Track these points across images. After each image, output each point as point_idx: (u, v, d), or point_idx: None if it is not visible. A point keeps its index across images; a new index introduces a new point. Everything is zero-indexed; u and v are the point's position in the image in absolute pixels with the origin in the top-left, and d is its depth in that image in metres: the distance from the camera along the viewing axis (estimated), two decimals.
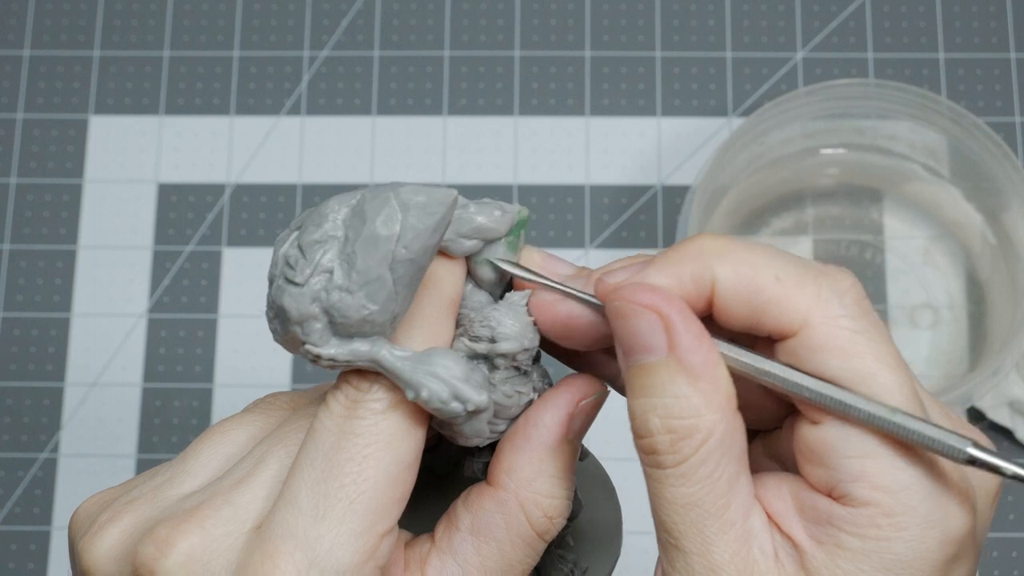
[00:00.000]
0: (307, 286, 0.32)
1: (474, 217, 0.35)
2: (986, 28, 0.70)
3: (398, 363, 0.32)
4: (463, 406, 0.32)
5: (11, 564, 0.64)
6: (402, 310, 0.33)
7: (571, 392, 0.35)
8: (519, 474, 0.34)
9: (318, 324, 0.32)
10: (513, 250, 0.35)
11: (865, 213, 0.67)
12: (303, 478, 0.32)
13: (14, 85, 0.70)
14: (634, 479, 0.64)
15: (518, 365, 0.35)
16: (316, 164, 0.69)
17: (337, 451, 0.32)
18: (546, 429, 0.34)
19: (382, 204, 0.32)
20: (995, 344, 0.62)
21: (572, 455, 0.35)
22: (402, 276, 0.32)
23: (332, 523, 0.32)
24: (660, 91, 0.70)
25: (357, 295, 0.32)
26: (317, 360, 0.33)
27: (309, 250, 0.32)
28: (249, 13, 0.71)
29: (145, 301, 0.67)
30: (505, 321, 0.34)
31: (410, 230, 0.31)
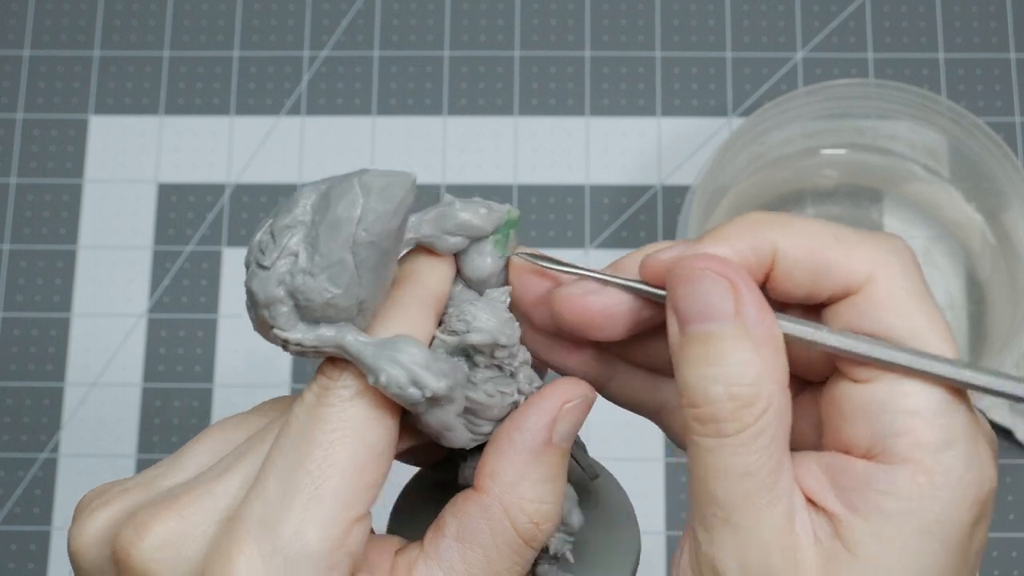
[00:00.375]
0: (273, 269, 0.32)
1: (458, 214, 0.35)
2: (986, 28, 0.70)
3: (362, 348, 0.32)
4: (421, 392, 0.32)
5: (11, 564, 0.64)
6: (369, 296, 0.32)
7: (556, 394, 0.34)
8: (503, 478, 0.34)
9: (284, 308, 0.32)
10: (500, 250, 0.35)
11: (865, 213, 0.67)
12: (273, 466, 0.32)
13: (14, 85, 0.71)
14: (634, 479, 0.64)
15: (499, 364, 0.34)
16: (316, 164, 0.69)
17: (305, 438, 0.32)
18: (530, 432, 0.34)
19: (346, 189, 0.32)
20: (995, 344, 0.62)
21: (560, 460, 0.34)
22: (364, 260, 0.32)
23: (297, 510, 0.32)
24: (660, 91, 0.70)
25: (320, 278, 0.32)
26: (286, 345, 0.33)
27: (279, 235, 0.32)
28: (249, 13, 0.71)
29: (145, 301, 0.67)
30: (480, 316, 0.34)
31: (371, 213, 0.32)
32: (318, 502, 0.32)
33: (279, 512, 0.32)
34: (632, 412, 0.39)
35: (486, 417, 0.34)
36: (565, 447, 0.34)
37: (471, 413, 0.34)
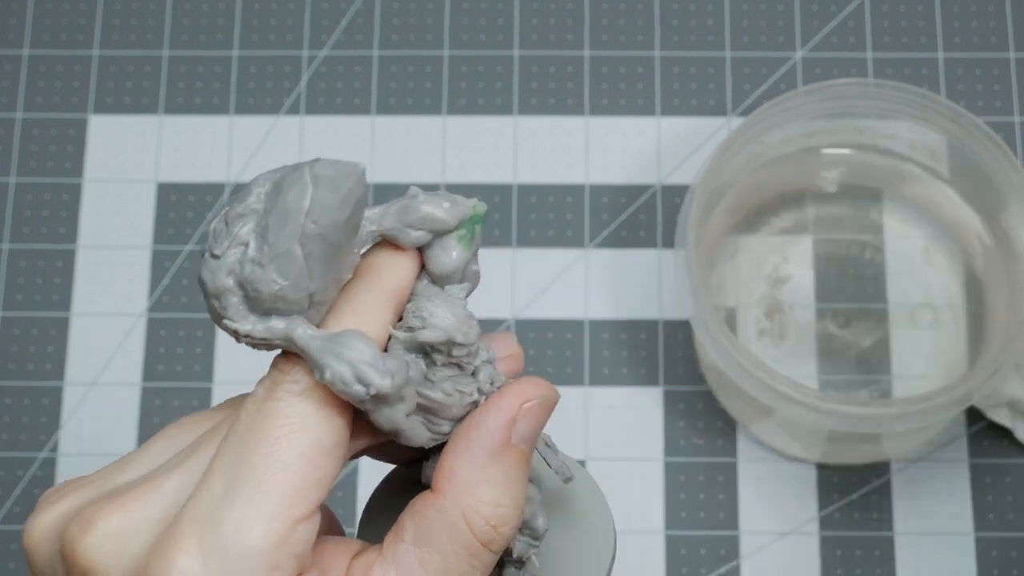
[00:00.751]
0: (223, 258, 0.32)
1: (421, 207, 0.34)
2: (986, 28, 0.70)
3: (310, 341, 0.32)
4: (366, 389, 0.31)
5: (11, 564, 0.64)
6: (319, 289, 0.32)
7: (515, 394, 0.34)
8: (459, 480, 0.33)
9: (234, 298, 0.32)
10: (466, 246, 0.34)
11: (865, 213, 0.67)
12: (220, 461, 0.32)
13: (13, 85, 0.71)
14: (634, 479, 0.64)
15: (458, 362, 0.34)
16: None
17: (251, 433, 0.32)
18: (487, 432, 0.33)
19: (296, 178, 0.31)
20: (995, 344, 0.62)
21: (519, 461, 0.33)
22: (313, 252, 0.31)
23: (240, 506, 0.31)
24: (659, 91, 0.70)
25: (268, 269, 0.31)
26: (237, 336, 0.32)
27: (231, 223, 0.32)
28: (249, 13, 0.71)
29: (144, 301, 0.67)
30: (437, 312, 0.33)
31: (318, 204, 0.31)
32: (261, 498, 0.31)
33: (222, 508, 0.31)
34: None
35: (445, 416, 0.34)
36: (525, 449, 0.34)
37: (430, 412, 0.34)
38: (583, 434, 0.65)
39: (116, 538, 0.32)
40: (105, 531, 0.32)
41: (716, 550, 0.63)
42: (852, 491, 0.64)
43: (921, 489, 0.64)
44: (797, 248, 0.67)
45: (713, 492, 0.64)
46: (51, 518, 0.33)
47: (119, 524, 0.32)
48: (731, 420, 0.65)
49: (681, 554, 0.63)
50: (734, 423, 0.65)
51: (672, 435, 0.65)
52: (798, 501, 0.64)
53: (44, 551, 0.33)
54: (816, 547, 0.63)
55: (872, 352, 0.65)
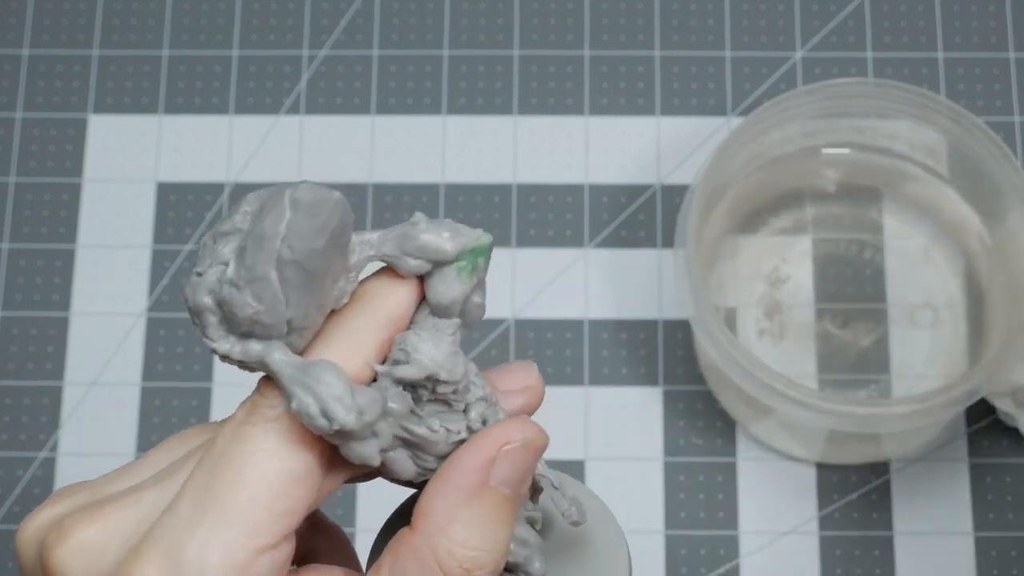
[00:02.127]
0: (204, 276, 0.31)
1: (420, 235, 0.33)
2: (986, 28, 0.70)
3: (283, 368, 0.31)
4: (328, 423, 0.30)
5: (11, 564, 0.64)
6: (298, 316, 0.31)
7: (495, 434, 0.32)
8: (433, 518, 0.32)
9: (213, 317, 0.31)
10: (466, 278, 0.33)
11: (864, 213, 0.67)
12: (190, 482, 0.31)
13: (13, 84, 0.71)
14: (634, 479, 0.64)
15: (444, 399, 0.33)
16: (315, 163, 0.69)
17: (223, 456, 0.31)
18: (462, 472, 0.32)
19: (276, 202, 0.30)
20: (995, 344, 0.62)
21: (500, 505, 0.32)
22: (290, 279, 0.30)
23: (203, 531, 0.30)
24: (659, 91, 0.70)
25: (244, 291, 0.30)
26: (216, 355, 0.32)
27: (217, 241, 0.31)
28: (249, 13, 0.71)
29: (144, 300, 0.67)
30: (422, 347, 0.32)
31: (295, 231, 0.30)
32: (224, 525, 0.30)
33: (186, 531, 0.30)
34: None
35: (431, 453, 0.33)
36: (506, 492, 0.32)
37: (416, 447, 0.33)
38: (583, 434, 0.65)
39: (89, 549, 0.31)
40: (80, 541, 0.31)
41: (716, 550, 0.63)
42: (852, 491, 0.64)
43: (921, 489, 0.64)
44: (797, 248, 0.67)
45: (713, 492, 0.64)
46: (40, 521, 0.33)
47: (95, 535, 0.31)
48: (731, 420, 0.65)
49: (681, 554, 0.63)
50: (734, 423, 0.65)
51: (672, 435, 0.65)
52: (798, 501, 0.64)
53: (30, 554, 0.33)
54: (816, 547, 0.63)
55: (871, 352, 0.65)
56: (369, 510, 0.64)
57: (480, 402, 0.33)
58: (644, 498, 0.64)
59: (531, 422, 0.33)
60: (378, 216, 0.68)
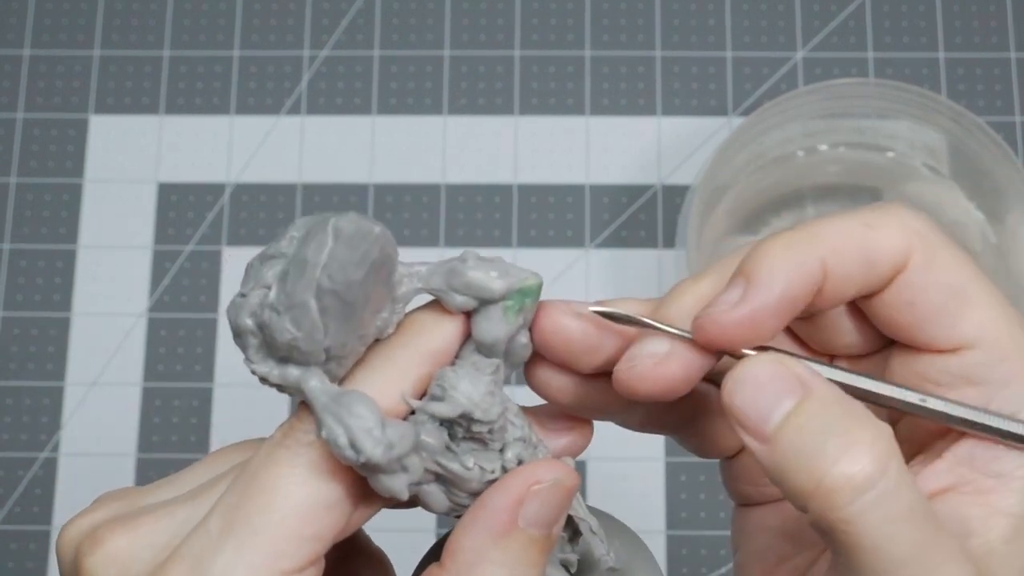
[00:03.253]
0: (248, 299, 0.31)
1: (467, 272, 0.33)
2: (986, 28, 0.70)
3: (318, 396, 0.31)
4: (356, 455, 0.30)
5: (11, 564, 0.64)
6: (336, 344, 0.31)
7: (524, 475, 0.32)
8: (460, 557, 0.31)
9: (254, 340, 0.31)
10: (511, 318, 0.33)
11: None
12: (222, 501, 0.31)
13: (14, 85, 0.70)
14: (634, 479, 0.64)
15: (479, 437, 0.33)
16: (316, 164, 0.69)
17: (255, 478, 0.31)
18: (491, 512, 0.32)
19: (320, 229, 0.30)
20: None
21: (527, 547, 0.32)
22: (328, 308, 0.30)
23: (230, 550, 0.30)
24: (660, 91, 0.70)
25: (284, 317, 0.31)
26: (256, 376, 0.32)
27: (263, 263, 0.31)
28: (249, 13, 0.71)
29: (145, 301, 0.67)
30: (459, 385, 0.32)
31: (335, 261, 0.30)
32: (252, 546, 0.30)
33: (213, 549, 0.31)
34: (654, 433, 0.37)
35: (464, 489, 0.33)
36: (535, 533, 0.32)
37: (449, 483, 0.33)
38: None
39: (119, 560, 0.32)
40: (110, 552, 0.32)
41: (717, 550, 0.63)
42: None
43: None
44: None
45: (714, 492, 0.64)
46: (79, 527, 0.33)
47: (126, 546, 0.32)
48: None
49: (682, 554, 0.63)
50: None
51: None
52: None
53: (67, 557, 0.33)
54: None
55: None
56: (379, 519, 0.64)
57: (517, 442, 0.33)
58: (645, 498, 0.64)
59: (561, 463, 0.33)
60: (379, 216, 0.68)
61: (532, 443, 0.33)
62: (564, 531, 0.35)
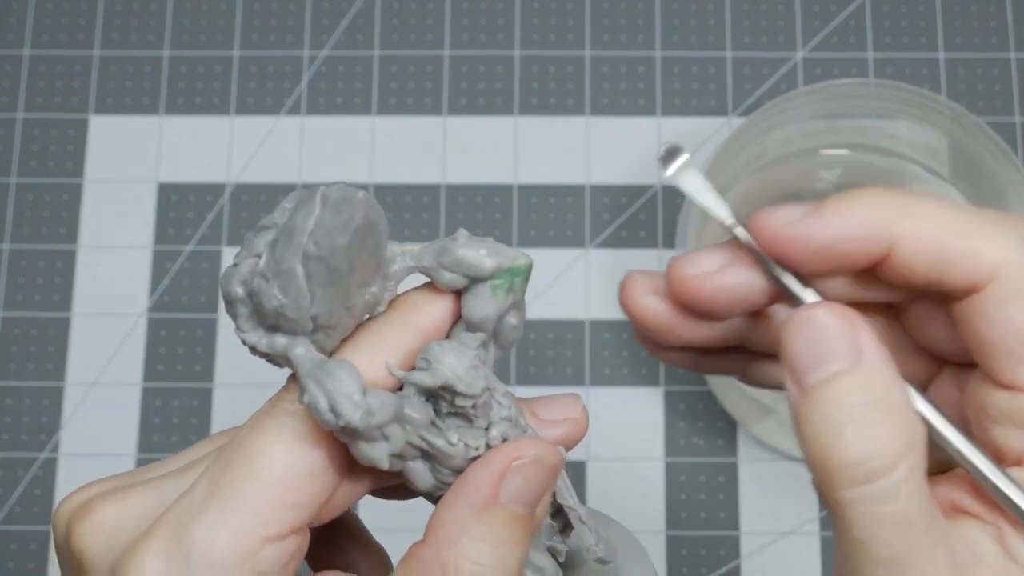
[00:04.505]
0: (239, 267, 0.32)
1: (458, 249, 0.33)
2: (986, 28, 0.70)
3: (303, 363, 0.31)
4: (335, 419, 0.31)
5: (11, 564, 0.64)
6: (322, 313, 0.31)
7: (506, 450, 0.32)
8: (442, 531, 0.32)
9: (244, 308, 0.32)
10: (499, 296, 0.33)
11: None
12: (207, 470, 0.32)
13: (14, 85, 0.70)
14: (634, 479, 0.64)
15: (463, 412, 0.33)
16: (316, 164, 0.69)
17: (240, 446, 0.32)
18: (472, 487, 0.32)
19: (308, 197, 0.31)
20: None
21: (509, 521, 0.32)
22: (314, 274, 0.31)
23: (212, 516, 0.31)
24: (660, 91, 0.70)
25: (272, 283, 0.31)
26: (246, 346, 0.32)
27: (257, 234, 0.32)
28: (249, 13, 0.71)
29: (145, 301, 0.67)
30: (443, 357, 0.32)
31: (321, 226, 0.31)
32: (233, 511, 0.31)
33: (196, 514, 0.31)
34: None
35: (447, 466, 0.33)
36: (517, 509, 0.32)
37: (434, 459, 0.33)
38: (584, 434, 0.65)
39: (106, 528, 0.32)
40: (98, 520, 0.32)
41: (717, 550, 0.63)
42: None
43: None
44: None
45: (714, 492, 0.64)
46: (76, 502, 0.34)
47: (114, 515, 0.32)
48: (732, 420, 0.65)
49: (682, 554, 0.63)
50: (735, 423, 0.65)
51: (672, 435, 0.65)
52: (798, 501, 0.64)
53: (61, 529, 0.34)
54: (817, 547, 0.63)
55: None
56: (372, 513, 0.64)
57: (503, 422, 0.33)
58: (645, 498, 0.64)
59: (544, 441, 0.33)
60: None
61: (520, 425, 0.34)
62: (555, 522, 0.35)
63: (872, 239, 0.31)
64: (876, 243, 0.31)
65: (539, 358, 0.66)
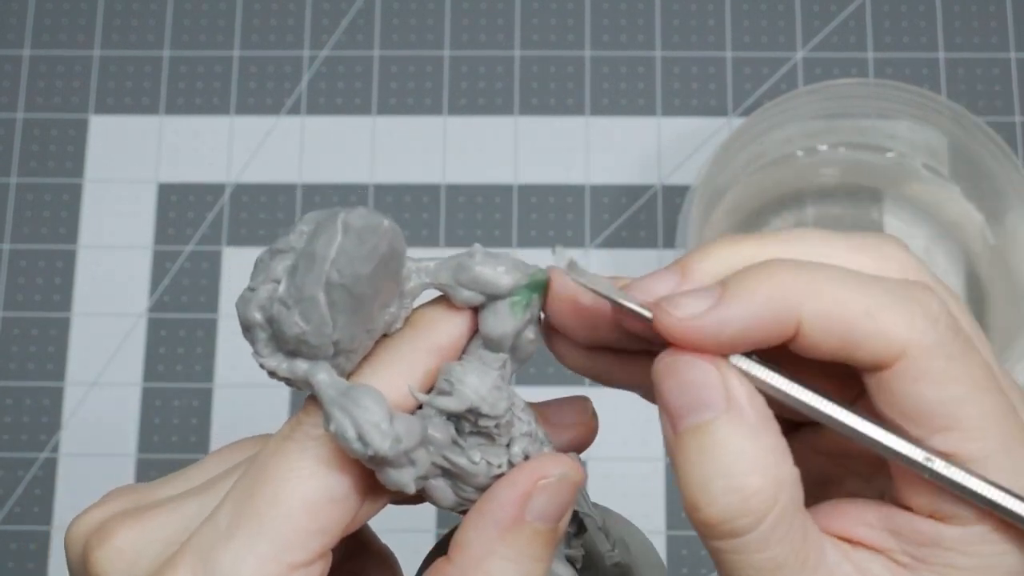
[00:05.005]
0: (257, 292, 0.31)
1: (474, 267, 0.33)
2: (986, 28, 0.70)
3: (326, 389, 0.31)
4: (364, 448, 0.30)
5: (11, 564, 0.64)
6: (345, 338, 0.31)
7: (530, 469, 0.32)
8: (468, 550, 0.32)
9: (262, 334, 0.32)
10: (517, 313, 0.33)
11: (865, 213, 0.67)
12: (231, 495, 0.32)
13: (14, 85, 0.70)
14: (634, 479, 0.64)
15: (486, 432, 0.33)
16: (316, 164, 0.69)
17: (263, 472, 0.31)
18: (498, 505, 0.32)
19: (329, 224, 0.30)
20: (995, 344, 0.62)
21: (534, 541, 0.32)
22: (337, 302, 0.30)
23: (239, 543, 0.31)
24: (660, 91, 0.70)
25: (293, 311, 0.31)
26: (264, 370, 0.32)
27: (272, 258, 0.31)
28: (249, 13, 0.71)
29: (145, 301, 0.67)
30: (466, 379, 0.32)
31: (343, 255, 0.30)
32: (260, 538, 0.31)
33: (222, 541, 0.31)
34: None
35: (471, 484, 0.33)
36: (542, 527, 0.32)
37: (456, 477, 0.33)
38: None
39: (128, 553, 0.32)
40: (119, 545, 0.32)
41: None
42: None
43: None
44: None
45: None
46: (92, 519, 0.33)
47: (134, 540, 0.32)
48: None
49: (682, 554, 0.63)
50: None
51: None
52: None
53: (76, 551, 0.33)
54: None
55: None
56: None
57: (524, 437, 0.33)
58: (645, 498, 0.64)
59: (567, 458, 0.33)
60: None
61: (538, 438, 0.34)
62: (569, 527, 0.35)
63: (779, 321, 0.30)
64: (784, 325, 0.30)
65: (540, 358, 0.66)
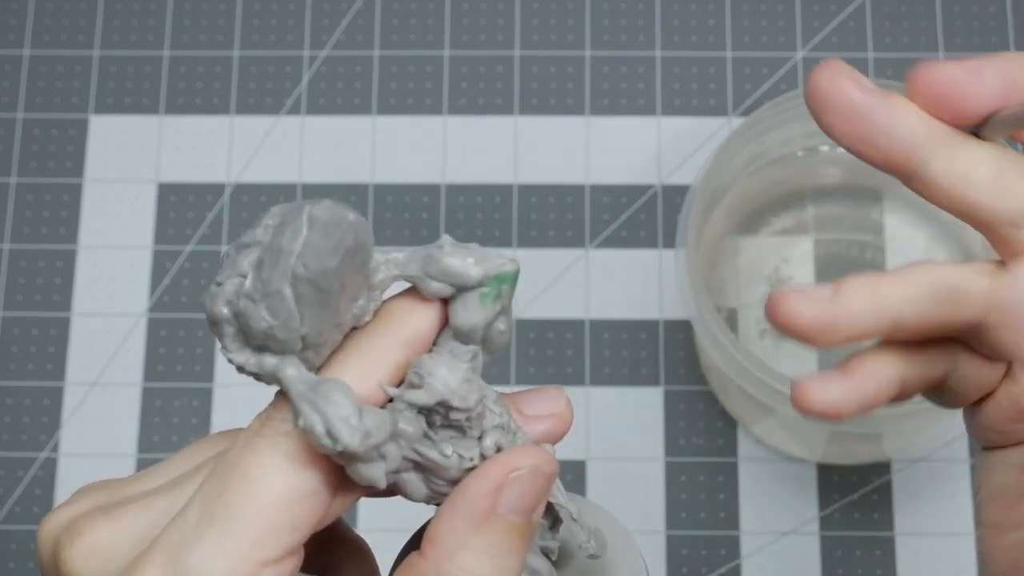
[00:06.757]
0: (223, 287, 0.31)
1: (444, 258, 0.32)
2: (986, 28, 0.70)
3: (294, 384, 0.31)
4: (333, 443, 0.30)
5: (11, 564, 0.64)
6: (312, 332, 0.31)
7: (503, 461, 0.32)
8: (441, 544, 0.31)
9: (230, 328, 0.31)
10: (488, 304, 0.33)
11: (865, 213, 0.67)
12: (200, 491, 0.31)
13: (14, 85, 0.71)
14: (634, 479, 0.64)
15: (457, 424, 0.32)
16: (316, 164, 0.69)
17: (233, 467, 0.31)
18: (470, 499, 0.31)
19: (294, 217, 0.30)
20: None
21: (508, 534, 0.32)
22: (304, 296, 0.30)
23: (208, 539, 0.30)
24: (660, 91, 0.70)
25: (259, 305, 0.30)
26: (233, 365, 0.32)
27: (239, 252, 0.31)
28: (249, 13, 0.71)
29: (145, 301, 0.67)
30: (436, 372, 0.32)
31: (309, 248, 0.30)
32: (230, 536, 0.30)
33: (192, 539, 0.31)
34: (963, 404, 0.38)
35: (443, 477, 0.32)
36: (515, 520, 0.32)
37: (428, 471, 0.32)
38: (584, 434, 0.65)
39: (99, 552, 0.32)
40: (90, 543, 0.32)
41: (717, 550, 0.63)
42: (852, 491, 0.64)
43: (921, 489, 0.64)
44: (798, 249, 0.67)
45: (714, 492, 0.64)
46: (58, 519, 0.33)
47: (106, 538, 0.32)
48: (732, 420, 0.65)
49: (682, 554, 0.63)
50: (735, 423, 0.65)
51: (672, 435, 0.65)
52: (798, 501, 0.64)
53: (47, 550, 0.33)
54: (816, 547, 0.63)
55: None
56: (371, 513, 0.65)
57: (496, 430, 0.33)
58: (645, 498, 0.64)
59: (541, 449, 0.33)
60: (379, 216, 0.68)
61: (511, 430, 0.33)
62: (544, 518, 0.35)
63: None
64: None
65: (539, 358, 0.66)
